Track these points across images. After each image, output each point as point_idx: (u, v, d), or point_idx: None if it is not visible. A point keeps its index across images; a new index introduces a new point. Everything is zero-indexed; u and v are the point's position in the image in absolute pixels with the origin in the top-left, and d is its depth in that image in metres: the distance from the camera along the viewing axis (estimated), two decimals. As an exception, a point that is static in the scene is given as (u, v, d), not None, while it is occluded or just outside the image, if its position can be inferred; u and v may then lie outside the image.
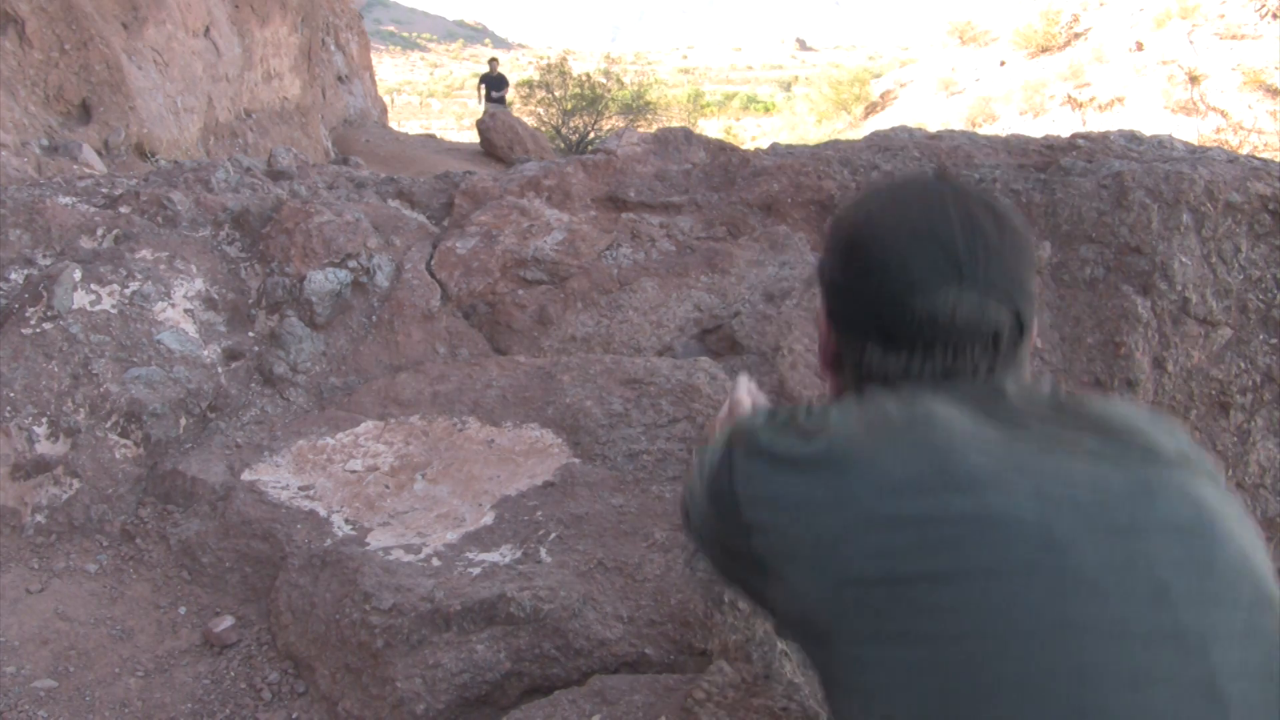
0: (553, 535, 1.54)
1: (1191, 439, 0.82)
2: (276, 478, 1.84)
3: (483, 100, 14.25)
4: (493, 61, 14.78)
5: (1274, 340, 2.21)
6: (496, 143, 12.59)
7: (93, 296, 2.10)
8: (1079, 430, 0.77)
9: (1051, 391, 0.82)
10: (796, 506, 0.77)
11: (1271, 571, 0.73)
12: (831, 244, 0.93)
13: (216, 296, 2.32)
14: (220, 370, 2.15)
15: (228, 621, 1.58)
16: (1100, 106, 15.90)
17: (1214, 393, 2.20)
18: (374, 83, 14.84)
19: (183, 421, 2.00)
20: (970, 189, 0.87)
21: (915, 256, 0.82)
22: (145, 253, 2.31)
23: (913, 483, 0.72)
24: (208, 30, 7.85)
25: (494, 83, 14.37)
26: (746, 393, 1.44)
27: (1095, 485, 0.72)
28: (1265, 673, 0.67)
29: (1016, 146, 2.66)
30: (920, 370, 0.83)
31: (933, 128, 3.16)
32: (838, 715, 0.77)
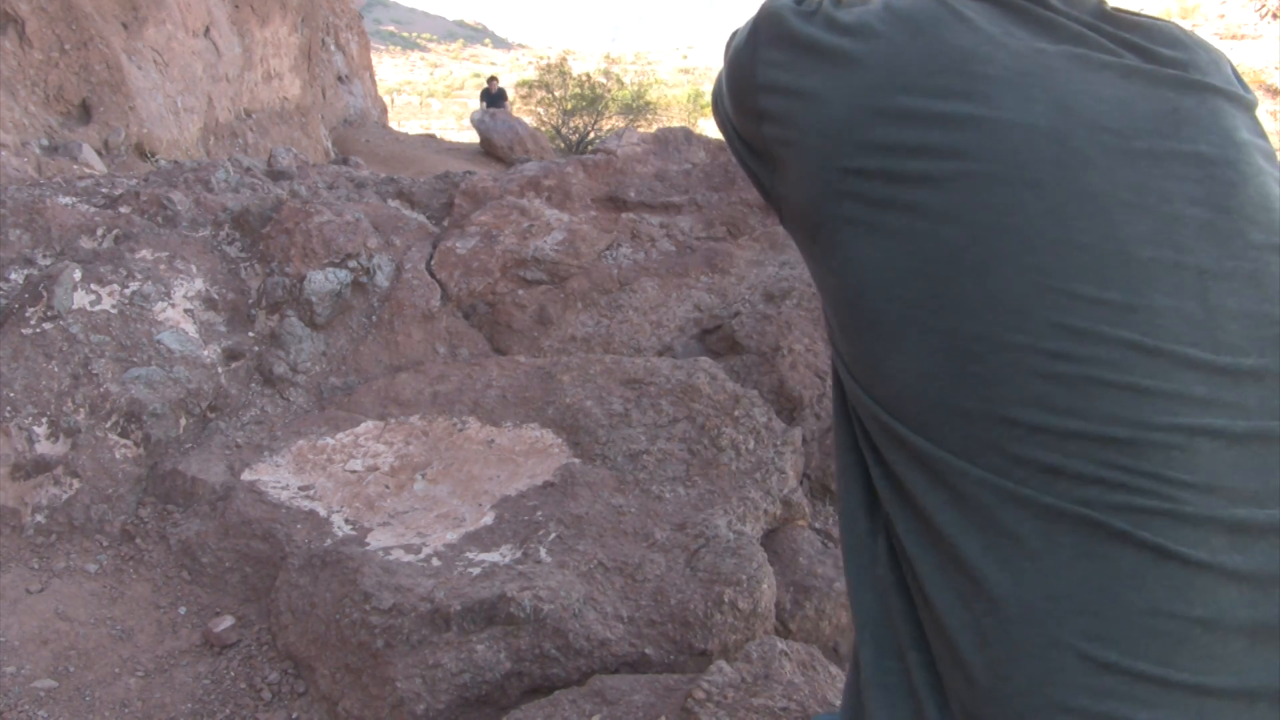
0: (553, 535, 1.54)
1: (1235, 70, 0.77)
2: (276, 478, 1.84)
3: None
4: (492, 80, 14.82)
5: None
6: (496, 143, 12.60)
7: (93, 296, 2.10)
8: (1118, 45, 0.72)
9: (1100, 2, 0.77)
10: (811, 94, 0.74)
11: None
12: None
13: (216, 296, 2.32)
14: (220, 370, 2.15)
15: (228, 621, 1.58)
16: (1100, 106, 15.90)
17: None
18: (374, 83, 14.84)
19: (183, 421, 2.00)
20: None
21: None
22: (145, 253, 2.31)
23: (928, 81, 0.69)
24: (208, 30, 7.85)
25: (494, 99, 14.42)
26: None
27: (1121, 104, 0.68)
28: (1263, 319, 0.64)
29: (1016, 146, 2.66)
30: None
31: (933, 128, 3.15)
32: (829, 311, 0.75)
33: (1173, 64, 0.73)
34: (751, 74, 0.81)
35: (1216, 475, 0.61)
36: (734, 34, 0.93)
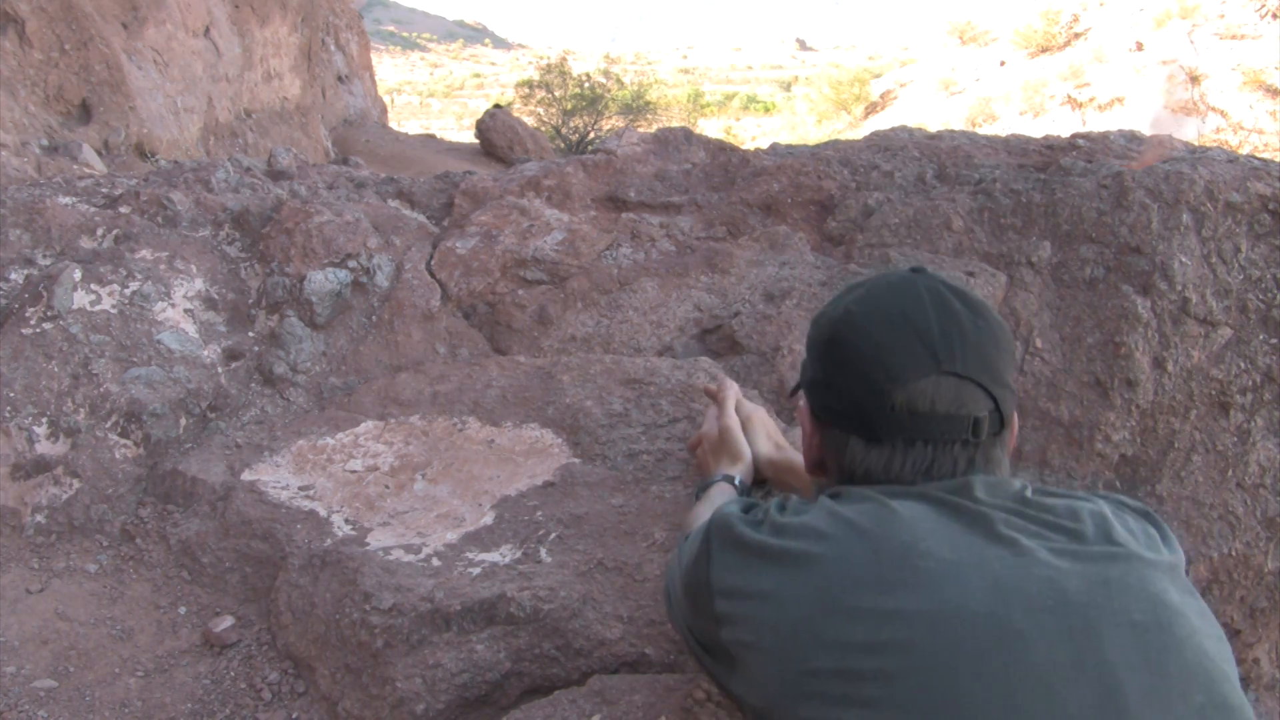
0: (553, 535, 1.54)
1: (1160, 529, 0.83)
2: (276, 478, 1.84)
3: None
4: (496, 108, 14.84)
5: (1274, 340, 2.21)
6: (496, 143, 12.60)
7: (93, 296, 2.10)
8: (1042, 528, 0.78)
9: (1020, 490, 0.84)
10: (764, 597, 0.80)
11: (1232, 673, 0.74)
12: (811, 343, 0.97)
13: (216, 296, 2.32)
14: (220, 370, 2.15)
15: (228, 621, 1.58)
16: (1100, 106, 15.90)
17: (1214, 393, 2.20)
18: (374, 83, 14.83)
19: (183, 421, 2.00)
20: (946, 279, 0.90)
21: (893, 346, 0.85)
22: (145, 253, 2.31)
23: (873, 579, 0.75)
24: (208, 30, 7.85)
25: None
26: (733, 394, 1.48)
27: (1053, 582, 0.73)
28: None
29: (1016, 146, 2.66)
30: (901, 466, 0.85)
31: (933, 128, 3.16)
32: None
33: (1096, 539, 0.78)
34: (707, 580, 0.88)
35: None
36: (683, 540, 1.02)
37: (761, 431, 1.44)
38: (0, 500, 1.77)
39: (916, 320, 0.85)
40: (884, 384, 0.84)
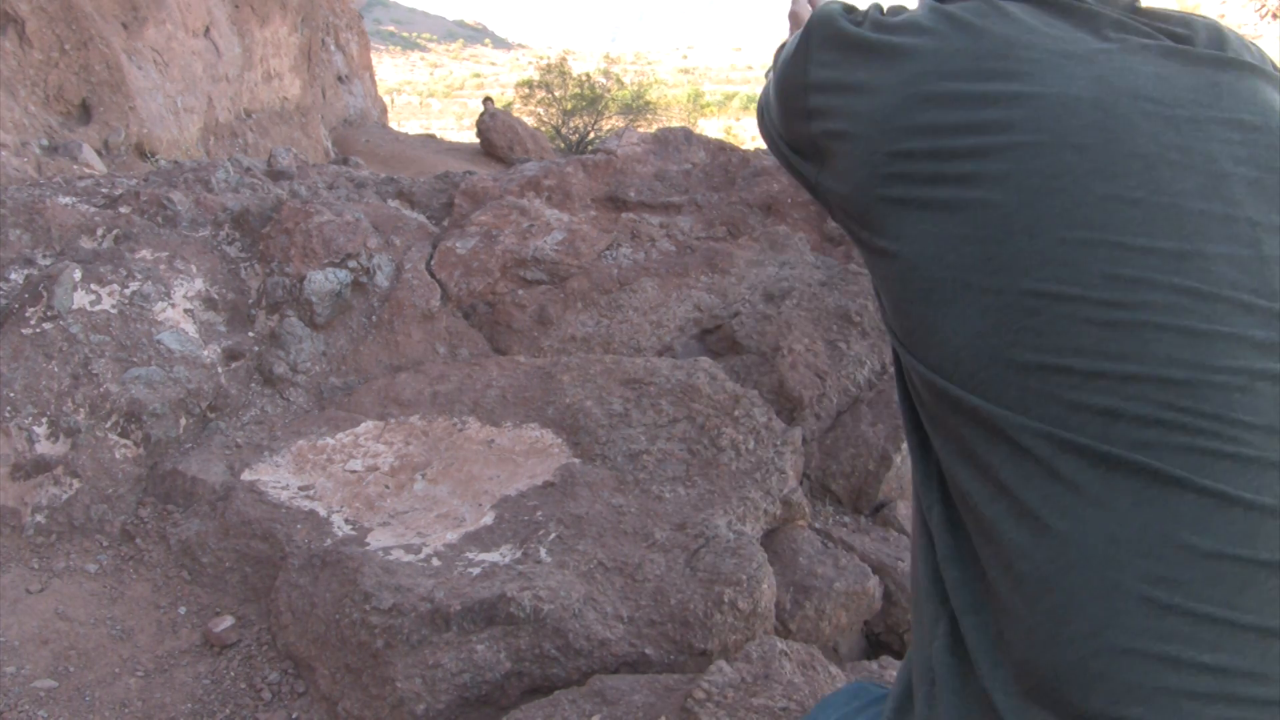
0: (553, 535, 1.54)
1: (1270, 58, 0.80)
2: (276, 478, 1.84)
3: None
4: (488, 101, 14.85)
5: None
6: (496, 143, 12.60)
7: (93, 296, 2.10)
8: (1154, 31, 0.76)
9: None
10: (859, 88, 0.78)
11: None
12: None
13: (216, 296, 2.32)
14: (220, 370, 2.15)
15: (228, 621, 1.58)
16: (1100, 106, 15.91)
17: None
18: (374, 83, 14.83)
19: (183, 421, 1.99)
20: None
21: None
22: (145, 253, 2.31)
23: (974, 66, 0.72)
24: (208, 30, 7.85)
25: None
26: None
27: (1161, 78, 0.70)
28: None
29: (1016, 146, 2.66)
30: None
31: (933, 128, 3.15)
32: (880, 288, 0.77)
33: (1210, 45, 0.75)
34: (804, 74, 0.85)
35: (1278, 417, 0.61)
36: (782, 45, 0.98)
37: None
38: (0, 500, 1.77)
39: None
40: None
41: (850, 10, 0.88)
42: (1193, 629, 0.59)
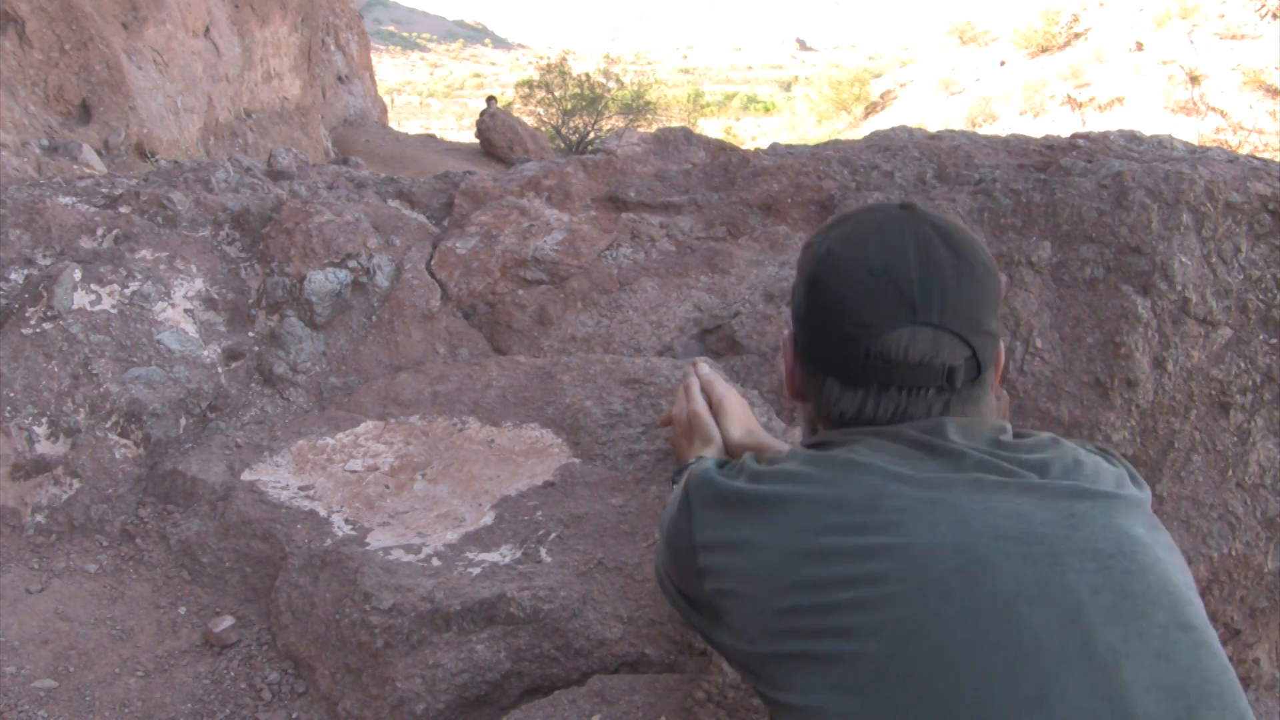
0: (553, 535, 1.54)
1: (1130, 474, 0.85)
2: (276, 478, 1.84)
3: None
4: (491, 99, 14.86)
5: (1274, 340, 2.21)
6: (496, 143, 12.60)
7: (93, 296, 2.10)
8: (1013, 466, 0.80)
9: (994, 431, 0.86)
10: (742, 546, 0.83)
11: (1195, 600, 0.75)
12: (799, 276, 0.97)
13: (216, 296, 2.32)
14: (220, 370, 2.15)
15: (228, 621, 1.58)
16: (1100, 106, 15.91)
17: (1214, 393, 2.20)
18: (374, 83, 14.83)
19: (183, 421, 2.00)
20: (936, 221, 0.89)
21: (869, 297, 0.86)
22: (145, 253, 2.31)
23: (845, 521, 0.77)
24: (208, 30, 7.85)
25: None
26: (708, 372, 1.50)
27: (1018, 516, 0.75)
28: (1174, 690, 0.68)
29: (1016, 146, 2.66)
30: (875, 410, 0.86)
31: (933, 128, 3.16)
32: None
33: (1064, 476, 0.80)
34: (689, 536, 0.90)
35: None
36: (666, 509, 1.05)
37: (732, 416, 1.44)
38: (0, 500, 1.77)
39: (897, 271, 0.85)
40: (857, 332, 0.85)
41: (723, 465, 0.95)
42: None
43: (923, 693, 0.68)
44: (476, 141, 13.24)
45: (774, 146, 3.01)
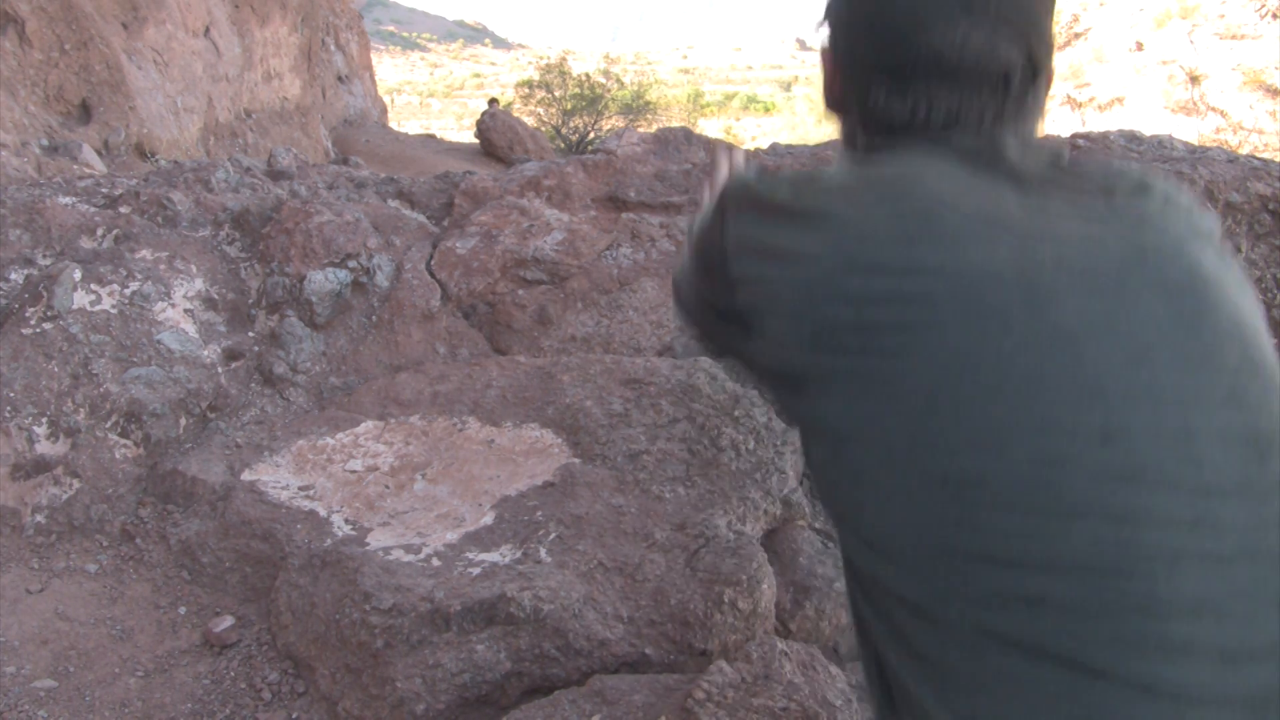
0: (553, 535, 1.54)
1: (1201, 206, 0.78)
2: (276, 478, 1.84)
3: None
4: (492, 102, 14.86)
5: (1274, 340, 2.20)
6: (496, 143, 12.60)
7: (93, 296, 2.10)
8: (1077, 191, 0.74)
9: (1055, 151, 0.79)
10: (782, 255, 0.76)
11: (1266, 339, 0.70)
12: None
13: (216, 296, 2.32)
14: (220, 370, 2.15)
15: (228, 621, 1.58)
16: (1100, 106, 15.90)
17: (1214, 393, 2.20)
18: (374, 83, 14.83)
19: (183, 421, 1.99)
20: None
21: None
22: (145, 253, 2.31)
23: (894, 235, 0.70)
24: (208, 30, 7.85)
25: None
26: (738, 160, 1.38)
27: (1084, 244, 0.69)
28: (1244, 437, 0.64)
29: (1016, 146, 2.66)
30: (925, 116, 0.79)
31: (933, 128, 3.15)
32: (812, 466, 0.76)
33: (1132, 203, 0.74)
34: (722, 244, 0.83)
35: (1205, 598, 0.60)
36: (693, 219, 0.95)
37: None
38: (0, 500, 1.77)
39: None
40: (911, 28, 0.78)
41: (764, 175, 0.86)
42: None
43: (976, 424, 0.63)
44: (476, 141, 13.24)
45: (774, 146, 3.01)
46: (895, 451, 0.66)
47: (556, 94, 19.32)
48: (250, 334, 2.28)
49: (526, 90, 19.73)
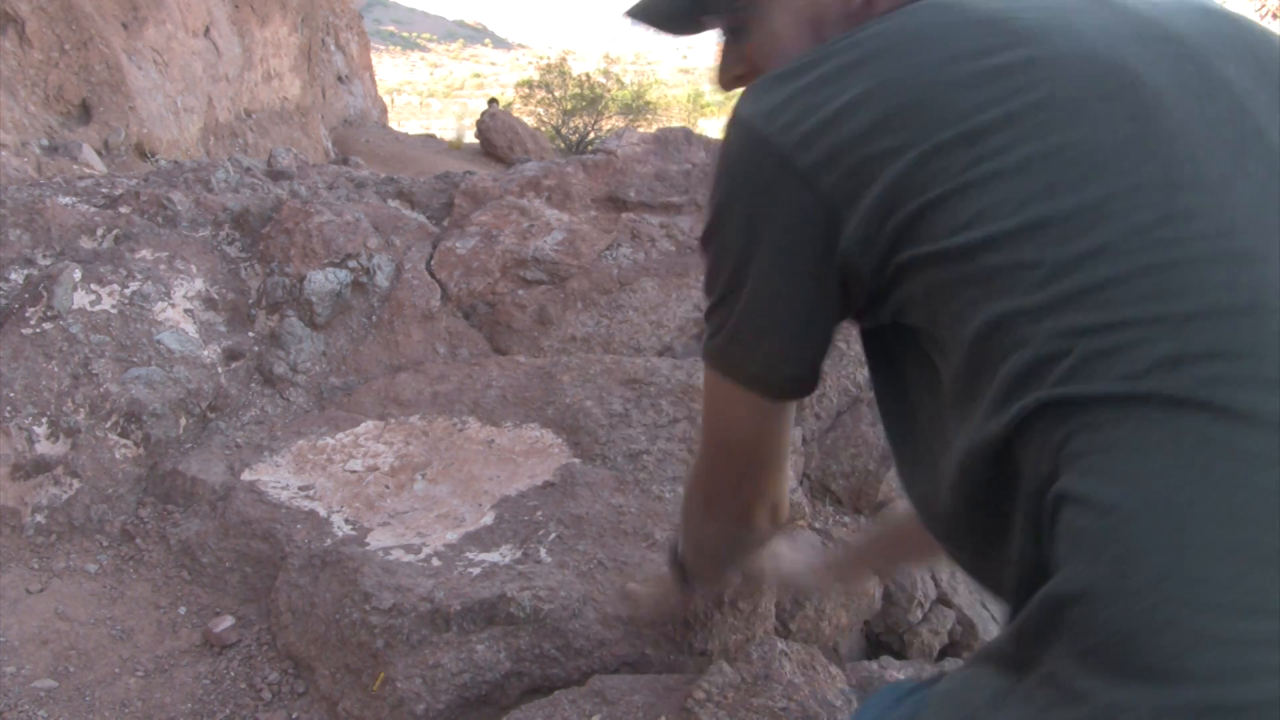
0: (553, 535, 1.54)
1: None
2: (276, 478, 1.84)
3: None
4: (492, 102, 14.86)
5: None
6: (496, 143, 12.61)
7: (93, 296, 2.10)
8: None
9: None
10: (850, 104, 0.68)
11: None
12: None
13: (216, 296, 2.32)
14: (220, 370, 2.15)
15: (228, 621, 1.58)
16: (1100, 106, 15.89)
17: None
18: (374, 83, 14.83)
19: (183, 421, 1.99)
20: None
21: None
22: (145, 253, 2.31)
23: (968, 46, 0.67)
24: (208, 30, 7.86)
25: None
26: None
27: (1154, 20, 0.69)
28: None
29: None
30: None
31: (933, 128, 3.10)
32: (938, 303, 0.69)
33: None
34: (765, 138, 0.72)
35: None
36: (723, 142, 0.81)
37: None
38: (0, 500, 1.77)
39: None
40: None
41: (769, 113, 0.74)
42: (1264, 572, 0.54)
43: (1103, 193, 0.62)
44: (476, 141, 13.24)
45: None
46: (1024, 240, 0.63)
47: (556, 94, 19.31)
48: (250, 334, 2.28)
49: (526, 90, 19.72)
